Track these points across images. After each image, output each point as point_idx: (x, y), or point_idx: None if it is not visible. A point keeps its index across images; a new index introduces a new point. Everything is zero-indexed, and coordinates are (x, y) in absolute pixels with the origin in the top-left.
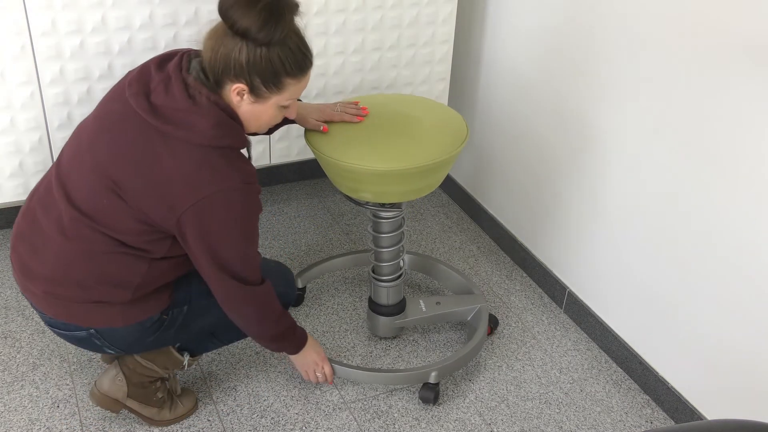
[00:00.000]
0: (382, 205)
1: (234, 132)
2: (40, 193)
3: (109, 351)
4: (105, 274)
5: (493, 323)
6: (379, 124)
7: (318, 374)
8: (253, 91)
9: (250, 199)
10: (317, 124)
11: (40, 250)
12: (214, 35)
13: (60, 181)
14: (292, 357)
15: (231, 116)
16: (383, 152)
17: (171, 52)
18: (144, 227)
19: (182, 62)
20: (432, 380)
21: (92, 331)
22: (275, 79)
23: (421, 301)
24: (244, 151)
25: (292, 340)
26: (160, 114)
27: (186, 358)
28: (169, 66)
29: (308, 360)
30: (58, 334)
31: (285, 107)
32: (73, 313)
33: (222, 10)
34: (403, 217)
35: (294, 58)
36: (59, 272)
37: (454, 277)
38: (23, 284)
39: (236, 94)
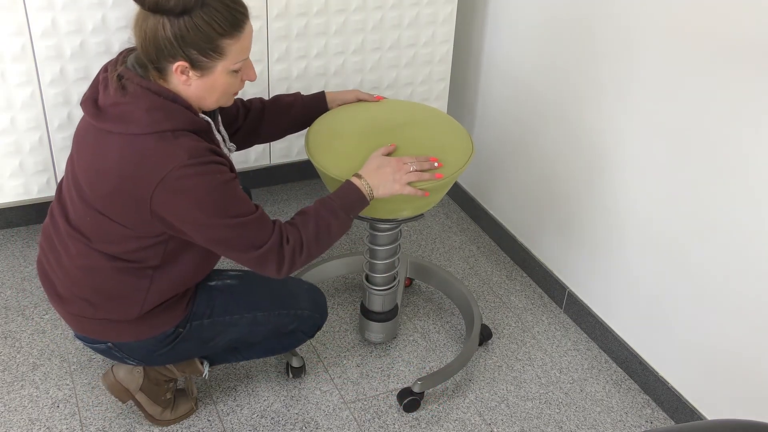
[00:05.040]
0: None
1: (174, 114)
2: (53, 211)
3: (130, 362)
4: (108, 292)
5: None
6: (392, 142)
7: (411, 170)
8: (195, 65)
9: (205, 171)
10: (364, 96)
11: (55, 267)
12: (137, 21)
13: (60, 200)
14: (379, 196)
15: (168, 98)
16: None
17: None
18: (132, 235)
19: (119, 58)
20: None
21: (110, 344)
22: (211, 44)
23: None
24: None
25: (350, 202)
26: (103, 114)
27: (206, 368)
28: (109, 64)
29: (387, 175)
30: (86, 346)
31: (237, 71)
32: (87, 328)
33: None
34: (399, 230)
35: (222, 17)
36: (69, 290)
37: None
38: (50, 298)
39: (180, 73)
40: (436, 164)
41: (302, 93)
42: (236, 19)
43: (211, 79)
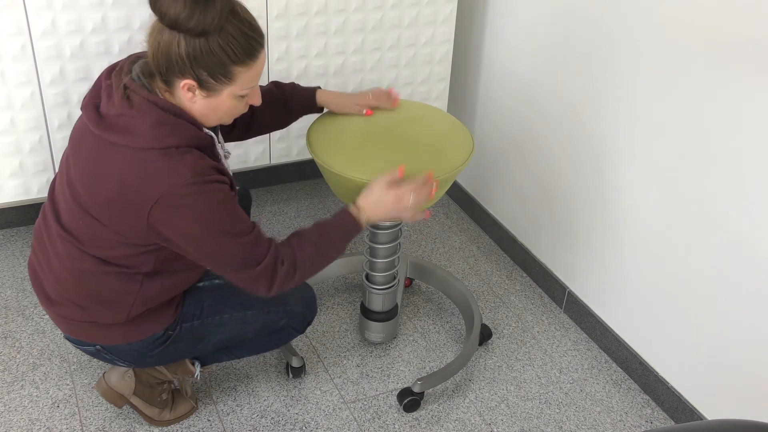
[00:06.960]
0: None
1: (178, 130)
2: (45, 211)
3: (120, 364)
4: (97, 295)
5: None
6: (393, 138)
7: (410, 202)
8: (203, 86)
9: (206, 190)
10: (359, 109)
11: (45, 269)
12: (152, 31)
13: (52, 201)
14: (376, 220)
15: (174, 113)
16: (415, 166)
17: (122, 59)
18: (124, 242)
19: (125, 66)
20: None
21: (98, 346)
22: (222, 69)
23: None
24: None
25: (347, 232)
26: (105, 123)
27: (198, 369)
28: (113, 72)
29: (385, 209)
30: (77, 348)
31: (243, 96)
32: (75, 330)
33: (151, 2)
34: (400, 228)
35: (238, 44)
36: (57, 292)
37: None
38: (40, 300)
39: (186, 90)
40: (433, 184)
41: None
42: (252, 48)
43: (217, 101)
